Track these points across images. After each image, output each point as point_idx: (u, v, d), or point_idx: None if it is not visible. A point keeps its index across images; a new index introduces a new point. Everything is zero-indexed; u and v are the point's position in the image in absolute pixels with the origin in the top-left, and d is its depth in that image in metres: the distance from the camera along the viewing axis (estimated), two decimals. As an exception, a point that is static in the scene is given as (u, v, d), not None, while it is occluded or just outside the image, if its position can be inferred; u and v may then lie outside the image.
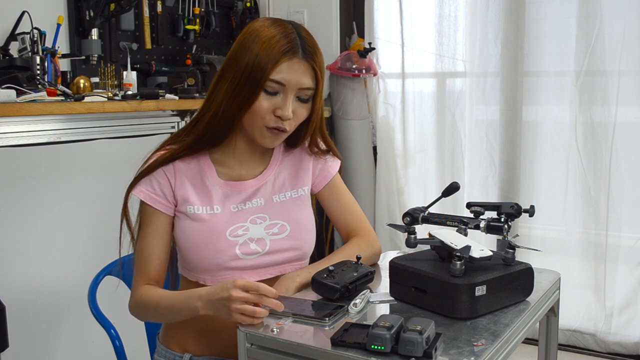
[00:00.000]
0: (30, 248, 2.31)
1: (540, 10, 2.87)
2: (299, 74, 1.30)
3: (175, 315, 1.31)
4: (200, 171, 1.38)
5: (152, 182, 1.35)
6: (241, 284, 1.14)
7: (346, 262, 1.34)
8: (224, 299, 1.15)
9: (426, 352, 0.98)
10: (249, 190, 1.40)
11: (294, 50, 1.29)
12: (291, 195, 1.44)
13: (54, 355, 2.40)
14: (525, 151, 2.97)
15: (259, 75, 1.27)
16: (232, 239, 1.35)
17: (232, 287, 1.14)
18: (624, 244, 2.80)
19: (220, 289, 1.17)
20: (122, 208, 1.39)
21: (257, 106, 1.29)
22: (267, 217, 1.40)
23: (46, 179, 2.35)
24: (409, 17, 3.19)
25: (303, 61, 1.30)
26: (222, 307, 1.16)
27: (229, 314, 1.15)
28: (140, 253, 1.37)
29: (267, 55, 1.27)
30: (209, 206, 1.36)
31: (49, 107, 2.05)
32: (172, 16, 3.03)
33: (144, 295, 1.34)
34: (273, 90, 1.29)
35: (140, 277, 1.37)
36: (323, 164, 1.50)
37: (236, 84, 1.29)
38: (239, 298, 1.13)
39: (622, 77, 2.71)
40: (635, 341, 2.78)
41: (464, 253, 1.18)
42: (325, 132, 1.47)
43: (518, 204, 1.42)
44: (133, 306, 1.38)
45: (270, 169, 1.44)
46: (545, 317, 1.42)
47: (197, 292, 1.23)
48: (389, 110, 3.29)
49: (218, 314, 1.18)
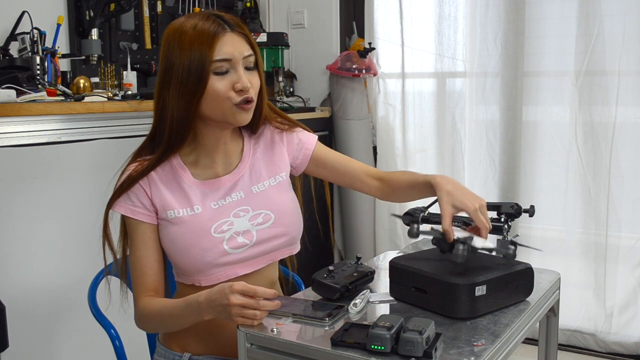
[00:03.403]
0: (30, 248, 2.31)
1: (540, 10, 2.87)
2: (237, 44, 1.32)
3: (181, 323, 1.32)
4: (175, 175, 1.38)
5: (129, 196, 1.36)
6: (238, 289, 1.15)
7: (346, 262, 1.34)
8: (224, 305, 1.16)
9: (426, 352, 0.98)
10: (227, 186, 1.40)
11: (222, 27, 1.31)
12: (269, 183, 1.44)
13: (54, 355, 2.40)
14: (525, 151, 2.97)
15: (201, 63, 1.28)
16: (217, 235, 1.35)
17: (229, 292, 1.15)
18: (624, 244, 2.80)
19: (218, 295, 1.18)
20: (102, 227, 1.39)
21: (214, 90, 1.30)
22: (249, 208, 1.40)
23: (46, 179, 2.34)
24: (409, 17, 3.20)
25: (234, 34, 1.32)
26: (222, 312, 1.17)
27: (230, 318, 1.16)
28: (134, 267, 1.37)
29: (200, 42, 1.29)
30: (189, 207, 1.36)
31: (49, 107, 2.04)
32: (172, 16, 3.02)
33: (146, 309, 1.34)
34: (222, 70, 1.30)
35: (139, 291, 1.37)
36: (297, 143, 1.50)
37: (181, 83, 1.29)
38: (237, 304, 1.14)
39: (622, 77, 2.71)
40: (635, 341, 2.78)
41: (467, 240, 1.18)
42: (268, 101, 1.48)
43: (518, 204, 1.42)
44: (138, 320, 1.39)
45: (244, 162, 1.44)
46: (545, 317, 1.42)
47: (196, 299, 1.23)
48: (389, 110, 3.29)
49: (221, 317, 1.19)
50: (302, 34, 3.47)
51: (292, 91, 3.44)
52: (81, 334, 2.41)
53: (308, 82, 3.46)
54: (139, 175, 1.36)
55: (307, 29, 3.47)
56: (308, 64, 3.45)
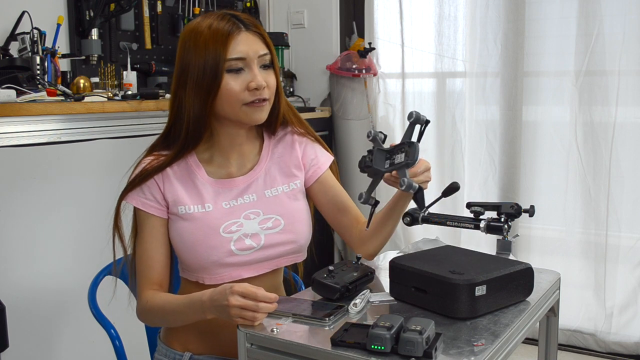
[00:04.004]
0: (30, 248, 2.31)
1: (540, 10, 2.87)
2: (251, 43, 1.32)
3: (183, 320, 1.32)
4: (190, 172, 1.39)
5: (142, 189, 1.37)
6: (239, 291, 1.15)
7: (346, 262, 1.34)
8: (223, 305, 1.16)
9: (426, 352, 0.98)
10: (240, 187, 1.41)
11: (237, 26, 1.32)
12: (283, 189, 1.44)
13: (54, 355, 2.40)
14: (525, 151, 2.97)
15: (215, 61, 1.29)
16: (226, 235, 1.35)
17: (229, 293, 1.15)
18: (624, 244, 2.80)
19: (219, 295, 1.18)
20: (113, 217, 1.40)
21: (228, 89, 1.30)
22: (260, 212, 1.40)
23: (46, 179, 2.34)
24: (409, 17, 3.20)
25: (249, 32, 1.33)
26: (223, 312, 1.18)
27: (230, 319, 1.17)
28: (140, 259, 1.38)
29: (215, 41, 1.29)
30: (200, 204, 1.37)
31: (49, 107, 2.05)
32: (172, 16, 3.02)
33: (149, 302, 1.34)
34: (237, 67, 1.31)
35: (143, 283, 1.37)
36: (313, 158, 1.49)
37: (197, 82, 1.30)
38: (236, 305, 1.14)
39: (622, 77, 2.71)
40: (635, 341, 2.78)
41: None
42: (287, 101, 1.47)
43: (518, 204, 1.42)
44: (140, 312, 1.39)
45: (261, 164, 1.44)
46: (545, 317, 1.42)
47: (200, 298, 1.24)
48: (389, 110, 3.29)
49: (222, 317, 1.20)
50: (302, 34, 3.47)
51: (292, 91, 3.44)
52: (81, 334, 2.41)
53: (308, 82, 3.46)
54: (154, 171, 1.36)
55: (307, 29, 3.47)
56: (308, 64, 3.45)
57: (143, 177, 1.36)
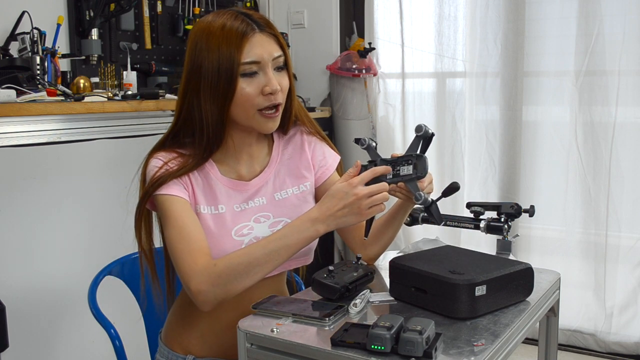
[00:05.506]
0: (30, 248, 2.31)
1: (540, 10, 2.87)
2: (266, 45, 1.30)
3: (280, 254, 1.23)
4: (204, 171, 1.38)
5: (175, 182, 1.32)
6: (358, 181, 1.19)
7: (346, 262, 1.34)
8: (350, 203, 1.19)
9: (426, 352, 0.98)
10: (250, 190, 1.40)
11: (251, 28, 1.29)
12: (293, 191, 1.44)
13: (54, 355, 2.40)
14: (525, 151, 2.97)
15: (230, 65, 1.26)
16: (237, 238, 1.35)
17: (352, 188, 1.19)
18: (624, 244, 2.80)
19: (338, 199, 1.20)
20: (139, 208, 1.34)
21: (242, 94, 1.28)
22: (270, 215, 1.40)
23: (46, 179, 2.34)
24: (409, 17, 3.20)
25: (263, 34, 1.30)
26: (349, 213, 1.20)
27: (359, 214, 1.20)
28: (181, 236, 1.27)
29: (228, 43, 1.27)
30: (213, 206, 1.36)
31: (49, 107, 2.04)
32: (172, 16, 3.02)
33: (220, 262, 1.22)
34: (251, 71, 1.28)
35: (196, 255, 1.25)
36: (322, 159, 1.49)
37: (212, 86, 1.28)
38: (365, 194, 1.18)
39: (622, 77, 2.71)
40: (635, 341, 2.78)
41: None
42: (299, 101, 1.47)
43: (518, 204, 1.42)
44: (205, 282, 1.21)
45: (271, 166, 1.43)
46: (545, 317, 1.42)
47: (307, 217, 1.23)
48: (389, 110, 3.30)
49: (344, 224, 1.21)
50: (302, 34, 3.47)
51: (292, 91, 3.43)
52: (81, 334, 2.42)
53: (308, 82, 3.46)
54: (185, 169, 1.32)
55: (307, 29, 3.47)
56: (308, 64, 3.45)
57: (175, 173, 1.31)
